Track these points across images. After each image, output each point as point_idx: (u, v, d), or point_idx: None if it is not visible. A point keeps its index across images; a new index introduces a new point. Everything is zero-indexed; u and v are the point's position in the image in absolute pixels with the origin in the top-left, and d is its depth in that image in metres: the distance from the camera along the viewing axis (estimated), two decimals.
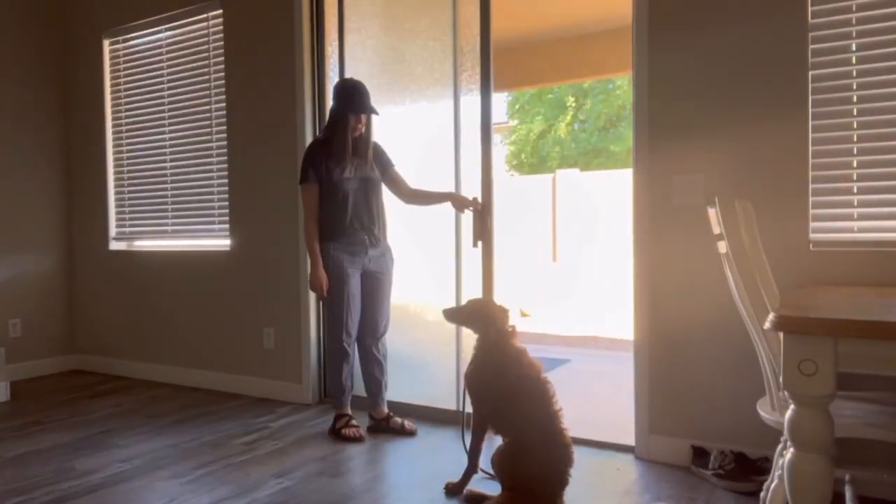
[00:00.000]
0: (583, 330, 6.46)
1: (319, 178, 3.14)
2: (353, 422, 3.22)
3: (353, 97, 3.11)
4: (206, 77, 4.17)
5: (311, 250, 3.13)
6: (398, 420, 3.26)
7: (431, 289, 3.49)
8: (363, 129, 3.17)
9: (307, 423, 3.41)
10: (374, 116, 3.20)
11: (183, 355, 4.34)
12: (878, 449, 2.36)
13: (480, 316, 2.51)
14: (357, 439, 3.13)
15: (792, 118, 2.53)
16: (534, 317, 7.48)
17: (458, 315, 2.61)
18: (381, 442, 3.12)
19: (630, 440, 2.91)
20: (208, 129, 4.18)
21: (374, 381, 3.27)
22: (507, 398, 2.33)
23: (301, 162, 3.21)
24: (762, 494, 2.12)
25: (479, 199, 3.23)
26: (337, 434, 3.18)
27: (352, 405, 3.29)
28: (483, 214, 3.22)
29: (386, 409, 3.30)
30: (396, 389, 3.54)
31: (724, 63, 2.66)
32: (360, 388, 3.41)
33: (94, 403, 3.90)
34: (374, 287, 3.23)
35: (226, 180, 4.10)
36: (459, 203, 3.21)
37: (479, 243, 3.25)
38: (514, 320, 2.59)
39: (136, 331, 4.59)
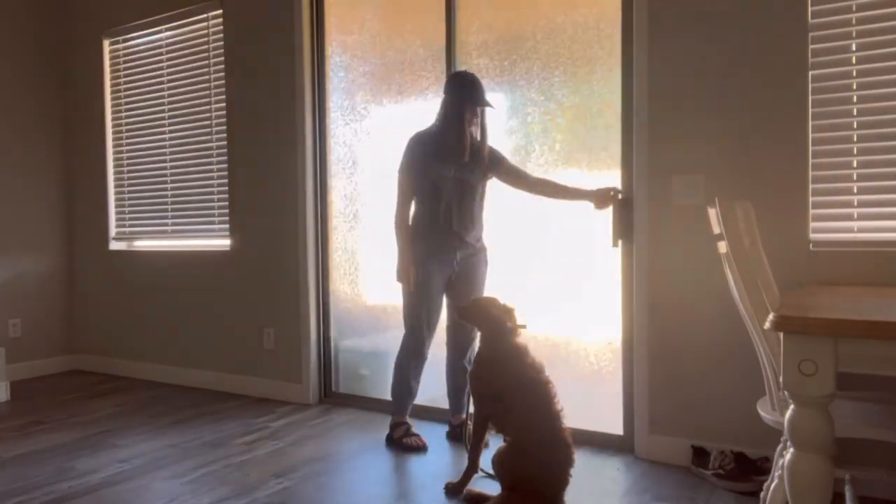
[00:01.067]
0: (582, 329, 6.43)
1: (417, 170, 2.95)
2: (413, 429, 3.07)
3: (469, 89, 2.89)
4: (206, 77, 4.18)
5: (400, 239, 2.97)
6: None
7: None
8: (478, 126, 2.96)
9: (307, 423, 3.41)
10: (488, 116, 2.99)
11: (183, 355, 4.34)
12: (878, 449, 2.36)
13: (482, 314, 2.51)
14: (420, 449, 2.98)
15: (792, 118, 2.53)
16: (534, 317, 7.46)
17: (465, 313, 2.60)
18: (380, 442, 3.12)
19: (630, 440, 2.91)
20: (208, 129, 4.18)
21: (458, 387, 3.11)
22: (508, 397, 2.33)
23: (405, 149, 3.01)
24: (762, 494, 2.12)
25: (621, 191, 2.88)
26: (398, 443, 3.02)
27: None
28: (626, 209, 2.88)
29: (464, 416, 2.99)
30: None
31: (725, 63, 2.66)
32: (372, 390, 3.40)
33: (94, 403, 3.90)
34: (463, 289, 3.03)
35: (226, 180, 4.10)
36: (600, 201, 2.87)
37: (620, 242, 2.91)
38: (521, 320, 2.57)
39: (136, 331, 4.59)
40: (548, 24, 3.18)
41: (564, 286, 3.36)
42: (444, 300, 3.10)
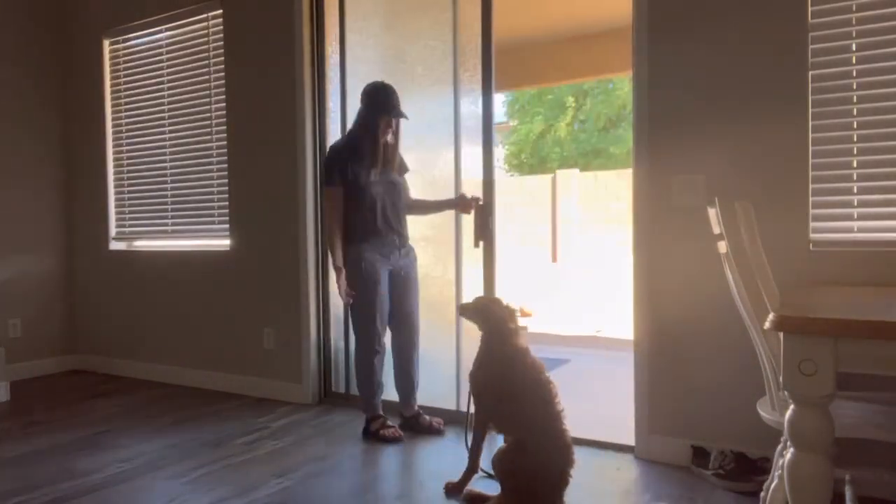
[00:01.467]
0: (583, 330, 6.46)
1: (345, 181, 3.11)
2: (389, 422, 3.19)
3: (383, 100, 3.09)
4: (206, 77, 4.17)
5: (333, 254, 3.12)
6: (426, 418, 3.24)
7: (431, 288, 3.49)
8: (392, 133, 3.16)
9: (307, 423, 3.41)
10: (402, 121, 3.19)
11: (183, 355, 4.34)
12: (878, 449, 2.36)
13: (484, 314, 2.51)
14: (397, 439, 3.10)
15: (792, 118, 2.53)
16: (534, 316, 7.47)
17: (467, 311, 2.61)
18: (380, 442, 3.12)
19: (630, 440, 2.91)
20: (208, 129, 4.18)
21: (408, 378, 3.25)
22: (508, 398, 2.33)
23: (324, 164, 3.22)
24: (762, 494, 2.12)
25: (481, 198, 3.21)
26: (375, 435, 3.13)
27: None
28: (484, 214, 3.19)
29: (416, 407, 3.28)
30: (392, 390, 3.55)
31: (724, 63, 2.66)
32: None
33: (94, 403, 3.90)
34: (404, 285, 3.23)
35: (226, 180, 4.10)
36: (463, 206, 3.22)
37: (481, 243, 3.23)
38: (521, 320, 2.59)
39: (136, 331, 4.58)
40: (425, 49, 3.47)
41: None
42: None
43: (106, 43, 4.68)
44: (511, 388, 2.33)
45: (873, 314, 1.43)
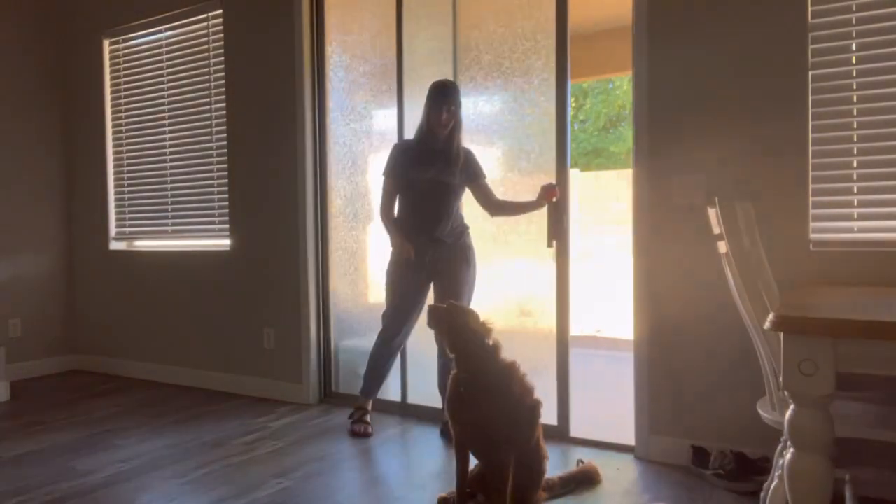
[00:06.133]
0: (583, 330, 6.45)
1: (396, 174, 3.15)
2: (366, 417, 3.27)
3: (434, 95, 3.07)
4: (206, 77, 4.17)
5: (388, 223, 3.17)
6: None
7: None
8: (446, 130, 3.07)
9: (307, 423, 3.41)
10: (464, 122, 3.13)
11: (183, 355, 4.33)
12: (878, 449, 2.36)
13: (454, 326, 2.23)
14: (360, 435, 3.17)
15: (792, 118, 2.53)
16: (534, 316, 7.46)
17: (432, 318, 2.34)
18: (380, 442, 3.12)
19: (630, 440, 2.91)
20: (208, 129, 4.18)
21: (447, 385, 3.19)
22: (492, 429, 2.13)
23: (389, 154, 3.23)
24: (762, 494, 2.12)
25: (556, 195, 3.04)
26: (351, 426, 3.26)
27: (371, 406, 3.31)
28: (559, 212, 3.04)
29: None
30: (396, 389, 3.55)
31: (724, 63, 2.66)
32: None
33: (94, 403, 3.90)
34: (440, 292, 3.14)
35: (226, 180, 4.09)
36: (547, 194, 3.02)
37: (555, 243, 3.09)
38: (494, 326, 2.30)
39: (136, 331, 4.58)
40: (489, 36, 3.32)
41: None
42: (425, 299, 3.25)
43: (106, 43, 4.68)
44: (494, 418, 2.13)
45: (873, 314, 1.43)
